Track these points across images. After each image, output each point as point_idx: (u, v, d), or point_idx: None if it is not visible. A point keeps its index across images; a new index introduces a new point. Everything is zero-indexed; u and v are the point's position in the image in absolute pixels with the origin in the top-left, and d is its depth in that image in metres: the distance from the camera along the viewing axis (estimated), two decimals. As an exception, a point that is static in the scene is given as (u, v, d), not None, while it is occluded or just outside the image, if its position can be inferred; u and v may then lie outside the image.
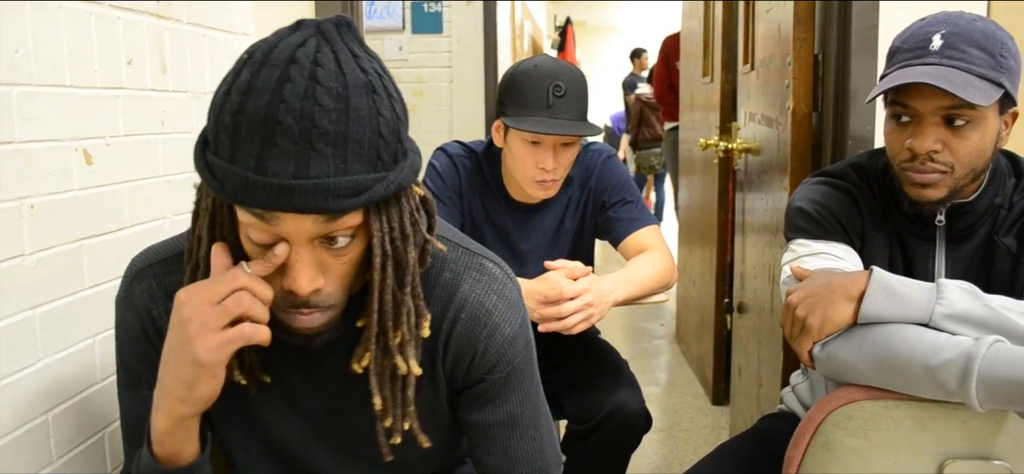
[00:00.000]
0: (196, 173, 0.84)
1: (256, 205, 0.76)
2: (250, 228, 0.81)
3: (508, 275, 1.01)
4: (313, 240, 0.81)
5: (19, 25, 1.10)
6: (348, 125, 0.76)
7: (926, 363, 1.05)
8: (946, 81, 1.09)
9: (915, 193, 1.19)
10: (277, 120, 0.74)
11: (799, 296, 1.17)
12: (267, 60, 0.77)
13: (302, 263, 0.80)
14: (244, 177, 0.75)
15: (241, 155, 0.76)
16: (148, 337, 0.97)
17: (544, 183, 1.65)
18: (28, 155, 1.12)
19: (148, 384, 0.96)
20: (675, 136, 4.87)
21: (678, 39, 4.40)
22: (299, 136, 0.74)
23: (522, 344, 1.01)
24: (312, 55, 0.77)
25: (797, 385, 1.48)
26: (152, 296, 0.97)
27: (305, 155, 0.75)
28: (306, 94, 0.75)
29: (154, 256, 0.99)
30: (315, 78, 0.76)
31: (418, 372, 0.91)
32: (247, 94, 0.76)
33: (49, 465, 1.17)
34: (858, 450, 1.14)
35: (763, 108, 2.28)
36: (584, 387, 1.71)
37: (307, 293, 0.81)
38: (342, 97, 0.76)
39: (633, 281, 1.64)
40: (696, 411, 3.24)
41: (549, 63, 1.65)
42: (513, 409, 1.01)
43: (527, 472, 1.04)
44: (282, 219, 0.78)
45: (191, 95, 1.56)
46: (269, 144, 0.75)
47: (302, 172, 0.75)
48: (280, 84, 0.75)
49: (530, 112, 1.59)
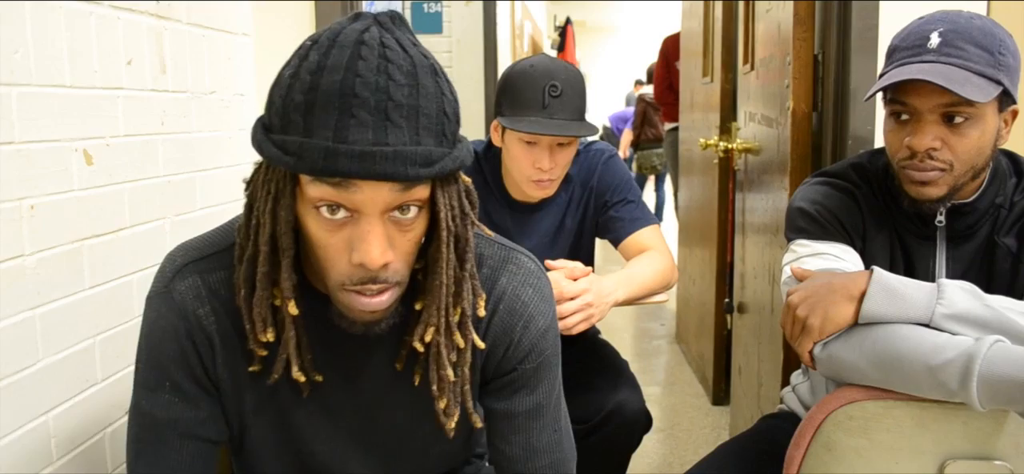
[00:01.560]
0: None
1: (337, 173, 0.78)
2: (322, 202, 0.81)
3: (541, 269, 1.05)
4: (385, 212, 0.82)
5: (19, 25, 1.10)
6: (419, 100, 0.80)
7: (927, 363, 1.05)
8: (944, 78, 1.09)
9: (915, 191, 1.19)
10: (354, 93, 0.78)
11: (800, 296, 1.17)
12: (335, 42, 0.80)
13: (374, 234, 0.82)
14: (324, 146, 0.77)
15: (318, 128, 0.78)
16: (191, 337, 0.95)
17: (541, 183, 1.65)
18: (28, 155, 1.12)
19: (174, 388, 0.95)
20: (675, 137, 4.87)
21: (678, 39, 4.40)
22: (375, 108, 0.78)
23: (552, 337, 1.04)
24: (378, 38, 0.81)
25: (798, 385, 1.48)
26: (197, 294, 0.94)
27: (382, 125, 0.78)
28: (379, 70, 0.79)
29: (196, 252, 0.97)
30: (386, 57, 0.79)
31: (482, 345, 0.95)
32: (319, 73, 0.79)
33: (49, 465, 1.17)
34: (859, 450, 1.13)
35: (763, 108, 2.28)
36: (584, 387, 1.71)
37: (379, 265, 0.82)
38: (412, 74, 0.80)
39: (633, 281, 1.63)
40: (696, 411, 3.24)
41: (546, 63, 1.64)
42: (539, 399, 1.04)
43: (547, 462, 1.06)
44: (359, 188, 0.80)
45: (191, 95, 1.56)
46: (347, 115, 0.77)
47: (380, 140, 0.78)
48: (353, 60, 0.79)
49: (526, 112, 1.59)
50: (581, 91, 1.64)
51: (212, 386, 0.98)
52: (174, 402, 0.96)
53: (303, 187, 0.83)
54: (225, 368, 0.97)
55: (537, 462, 1.05)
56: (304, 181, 0.82)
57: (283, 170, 0.83)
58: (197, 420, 0.97)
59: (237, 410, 1.00)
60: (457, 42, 4.30)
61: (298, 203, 0.84)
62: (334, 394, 1.00)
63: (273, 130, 0.82)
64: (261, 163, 0.87)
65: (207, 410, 0.98)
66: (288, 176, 0.83)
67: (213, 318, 0.94)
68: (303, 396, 0.98)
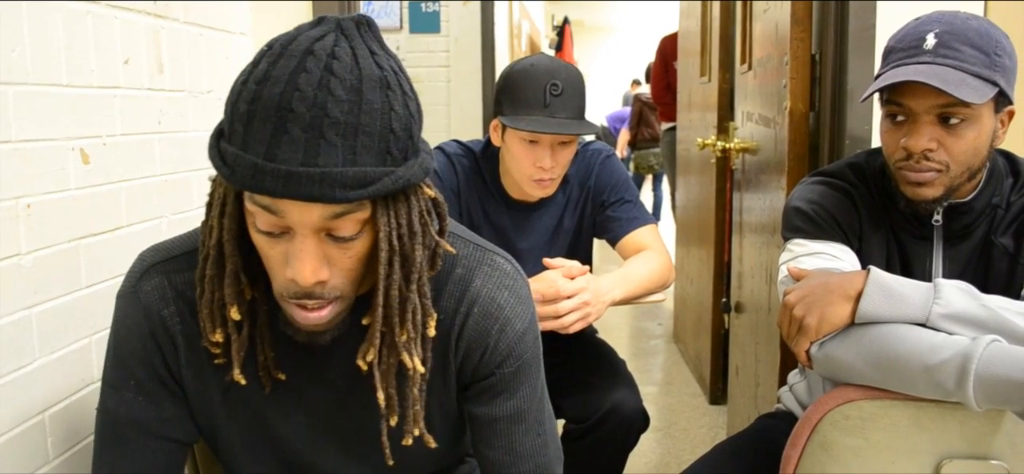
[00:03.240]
0: (209, 167, 0.84)
1: (263, 191, 0.77)
2: (257, 216, 0.81)
3: (518, 271, 1.03)
4: (319, 231, 0.81)
5: (16, 24, 1.10)
6: (359, 117, 0.77)
7: (923, 363, 1.05)
8: (939, 79, 1.10)
9: (911, 192, 1.19)
10: (290, 108, 0.76)
11: (797, 296, 1.17)
12: (285, 51, 0.79)
13: (306, 253, 0.80)
14: (253, 163, 0.76)
15: (252, 142, 0.77)
16: (154, 337, 0.95)
17: (542, 182, 1.65)
18: (24, 154, 1.12)
19: (138, 387, 0.95)
20: (672, 137, 4.87)
21: (676, 39, 4.40)
22: (310, 124, 0.76)
23: (531, 340, 1.02)
24: (329, 48, 0.78)
25: (794, 384, 1.48)
26: (162, 295, 0.95)
27: (315, 143, 0.76)
28: (320, 84, 0.76)
29: (164, 253, 0.97)
30: (330, 69, 0.77)
31: (422, 370, 0.91)
32: (263, 82, 0.77)
33: (46, 465, 1.17)
34: (855, 449, 1.14)
35: (760, 108, 2.29)
36: (582, 387, 1.71)
37: (310, 284, 0.81)
38: (355, 89, 0.77)
39: (630, 280, 1.64)
40: (693, 411, 3.25)
41: (546, 62, 1.64)
42: (520, 404, 1.02)
43: (531, 467, 1.05)
44: (288, 208, 0.78)
45: (188, 94, 1.56)
46: (280, 131, 0.76)
47: (311, 160, 0.76)
48: (295, 73, 0.77)
49: (527, 111, 1.59)
50: (581, 90, 1.64)
51: (176, 386, 0.98)
52: (138, 401, 0.96)
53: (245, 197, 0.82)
54: (189, 368, 0.97)
55: (521, 467, 1.04)
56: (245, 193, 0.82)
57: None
58: (160, 419, 0.97)
59: (206, 410, 1.00)
60: (455, 42, 4.29)
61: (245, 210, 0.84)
62: (305, 391, 0.99)
63: (223, 137, 0.82)
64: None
65: (171, 410, 0.98)
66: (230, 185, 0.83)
67: (177, 319, 0.94)
68: (276, 397, 0.98)
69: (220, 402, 0.99)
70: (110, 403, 0.97)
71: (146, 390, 0.96)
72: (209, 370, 0.96)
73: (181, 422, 0.99)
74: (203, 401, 0.99)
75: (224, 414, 1.00)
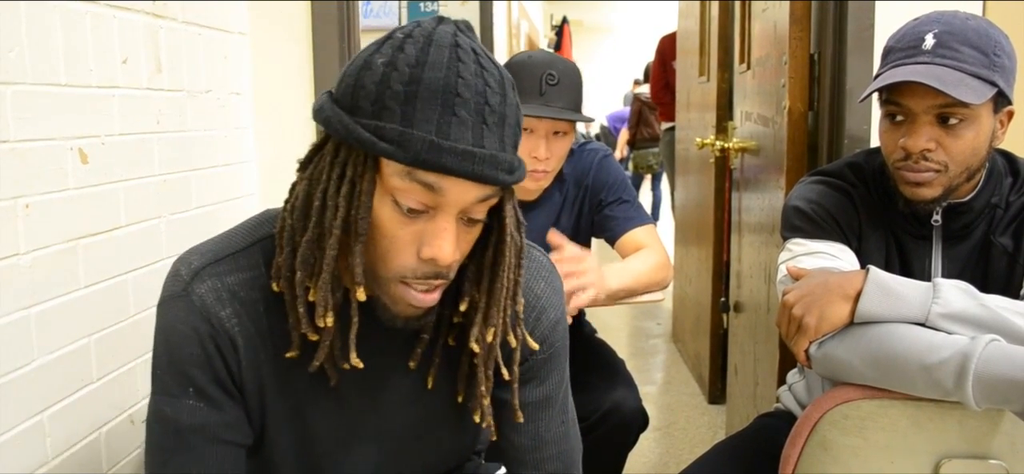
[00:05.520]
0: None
1: (439, 168, 0.78)
2: (407, 193, 0.81)
3: (552, 263, 1.07)
4: (462, 212, 0.84)
5: (14, 24, 1.10)
6: (506, 109, 0.83)
7: (922, 362, 1.05)
8: (938, 80, 1.10)
9: (909, 192, 1.19)
10: (456, 92, 0.79)
11: (795, 295, 1.17)
12: (432, 41, 0.81)
13: (450, 232, 0.83)
14: (429, 140, 0.78)
15: (420, 120, 0.78)
16: (215, 340, 0.92)
17: (535, 174, 1.65)
18: (23, 154, 1.12)
19: (198, 393, 0.93)
20: (671, 136, 4.87)
21: (674, 39, 4.40)
22: (474, 110, 0.80)
23: (562, 330, 1.06)
24: (468, 46, 0.82)
25: (793, 384, 1.48)
26: (218, 297, 0.92)
27: (479, 128, 0.80)
28: (477, 74, 0.81)
29: (211, 255, 0.94)
30: (480, 63, 0.82)
31: (535, 346, 0.97)
32: (419, 67, 0.80)
33: (44, 465, 1.17)
34: (854, 449, 1.14)
35: (759, 107, 2.29)
36: (581, 386, 1.70)
37: (449, 263, 0.84)
38: (501, 84, 0.83)
39: (629, 272, 1.64)
40: (692, 410, 3.25)
41: (544, 55, 1.67)
42: (549, 390, 1.06)
43: (554, 452, 1.08)
44: (451, 186, 0.80)
45: (187, 94, 1.56)
46: (449, 112, 0.79)
47: (478, 142, 0.80)
48: (453, 61, 0.80)
49: (523, 99, 1.60)
50: (578, 83, 1.65)
51: (236, 389, 0.96)
52: (199, 407, 0.93)
53: (384, 176, 0.82)
54: (248, 370, 0.95)
55: (545, 452, 1.08)
56: (387, 171, 0.81)
57: (364, 155, 0.82)
58: (223, 424, 0.94)
59: (259, 412, 0.99)
60: (453, 42, 4.29)
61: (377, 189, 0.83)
62: (349, 391, 0.99)
63: (360, 114, 0.81)
64: (325, 143, 0.86)
65: (232, 413, 0.95)
66: (369, 162, 0.82)
67: (235, 320, 0.92)
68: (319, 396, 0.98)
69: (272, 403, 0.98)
70: (169, 411, 0.93)
71: (207, 395, 0.93)
72: (264, 372, 0.95)
73: (241, 425, 0.97)
74: (257, 403, 0.98)
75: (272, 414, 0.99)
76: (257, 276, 0.93)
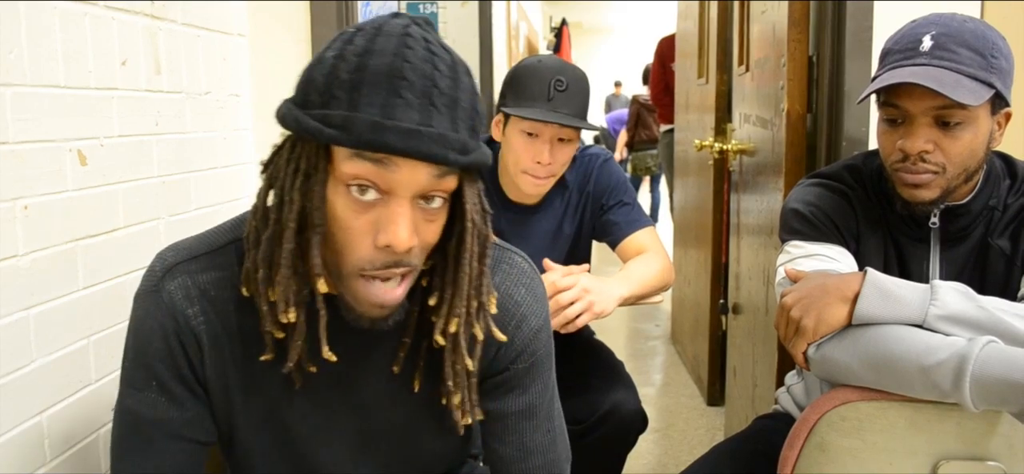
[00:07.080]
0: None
1: (384, 147, 0.79)
2: (356, 180, 0.81)
3: (534, 270, 1.05)
4: (415, 196, 0.83)
5: (13, 25, 1.10)
6: (457, 92, 0.83)
7: (920, 364, 1.06)
8: (935, 81, 1.10)
9: (907, 194, 1.20)
10: (402, 75, 0.80)
11: (794, 297, 1.17)
12: (381, 31, 0.83)
13: (404, 216, 0.82)
14: (372, 121, 0.79)
15: (365, 104, 0.79)
16: (179, 337, 0.93)
17: (536, 179, 1.65)
18: (22, 156, 1.12)
19: (160, 387, 0.94)
20: (670, 138, 4.87)
21: (673, 41, 4.40)
22: (421, 92, 0.80)
23: (545, 337, 1.04)
24: (420, 35, 0.83)
25: (792, 386, 1.48)
26: (187, 294, 0.93)
27: (426, 109, 0.80)
28: (425, 59, 0.82)
29: (186, 253, 0.95)
30: (430, 49, 0.83)
31: (503, 338, 0.95)
32: (366, 55, 0.81)
33: (43, 466, 1.17)
34: (852, 451, 1.14)
35: (758, 109, 2.29)
36: (580, 388, 1.71)
37: (405, 247, 0.83)
38: (452, 68, 0.84)
39: (633, 278, 1.64)
40: (691, 412, 3.25)
41: (554, 60, 1.67)
42: (532, 400, 1.05)
43: (540, 463, 1.07)
44: (399, 167, 0.80)
45: (186, 96, 1.56)
46: (394, 95, 0.79)
47: (426, 122, 0.80)
48: (400, 47, 0.81)
49: (531, 103, 1.61)
50: (585, 91, 1.66)
51: (199, 387, 0.97)
52: (160, 402, 0.95)
53: (336, 164, 0.82)
54: (212, 369, 0.96)
55: (531, 462, 1.06)
56: (338, 158, 0.82)
57: (315, 146, 0.82)
58: (183, 420, 0.96)
59: (225, 411, 0.99)
60: (453, 43, 4.22)
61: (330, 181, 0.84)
62: (328, 393, 0.99)
63: (311, 107, 0.82)
64: (284, 142, 0.87)
65: (193, 410, 0.97)
66: (321, 152, 0.83)
67: (202, 318, 0.93)
68: (294, 396, 0.98)
69: (241, 403, 0.98)
70: (131, 403, 0.96)
71: (169, 391, 0.95)
72: (231, 371, 0.96)
73: (203, 422, 0.98)
74: (224, 402, 0.98)
75: (243, 414, 0.99)
76: (230, 275, 0.94)
